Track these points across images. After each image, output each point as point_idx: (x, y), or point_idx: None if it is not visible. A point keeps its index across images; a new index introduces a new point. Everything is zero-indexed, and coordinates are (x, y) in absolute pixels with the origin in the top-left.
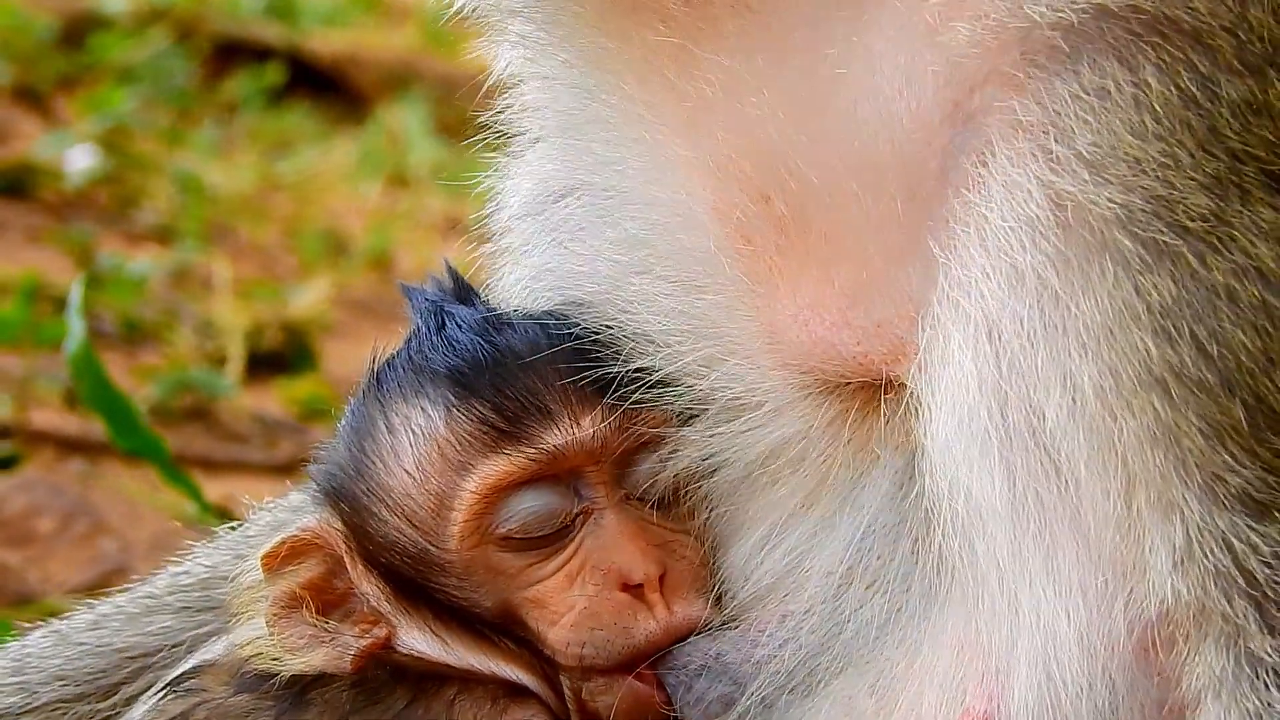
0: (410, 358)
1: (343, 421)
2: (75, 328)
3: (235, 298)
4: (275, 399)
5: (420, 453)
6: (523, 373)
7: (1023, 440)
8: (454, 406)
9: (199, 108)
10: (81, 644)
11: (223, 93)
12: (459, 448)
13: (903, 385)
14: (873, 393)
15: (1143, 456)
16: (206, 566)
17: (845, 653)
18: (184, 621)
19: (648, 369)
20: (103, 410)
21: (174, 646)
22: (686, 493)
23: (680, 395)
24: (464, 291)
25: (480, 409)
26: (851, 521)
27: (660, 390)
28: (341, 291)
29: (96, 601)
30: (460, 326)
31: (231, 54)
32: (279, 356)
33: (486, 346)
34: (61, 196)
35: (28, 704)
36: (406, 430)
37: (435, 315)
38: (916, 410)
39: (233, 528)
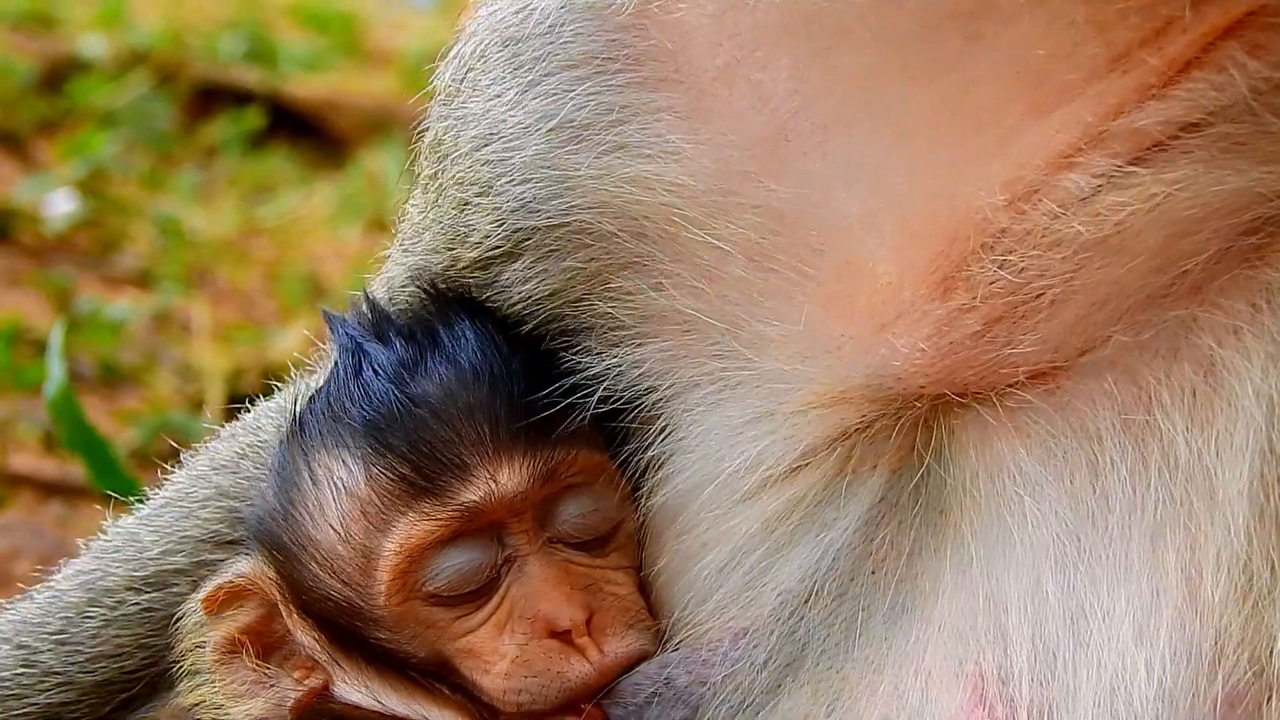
0: (329, 405)
1: (271, 465)
2: (55, 371)
3: (215, 341)
4: None
5: (343, 509)
6: (437, 425)
7: (1179, 483)
8: (372, 463)
9: (179, 152)
10: (55, 672)
11: (203, 137)
12: (379, 505)
13: (941, 397)
14: (887, 407)
15: None
16: (157, 554)
17: (804, 673)
18: (148, 633)
19: (583, 403)
20: (82, 453)
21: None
22: (621, 528)
23: (634, 427)
24: (382, 326)
25: (397, 467)
26: (817, 540)
27: (596, 422)
28: (322, 335)
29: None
30: (376, 372)
31: (211, 98)
32: (258, 400)
33: (401, 397)
34: (41, 240)
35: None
36: (329, 484)
37: (352, 355)
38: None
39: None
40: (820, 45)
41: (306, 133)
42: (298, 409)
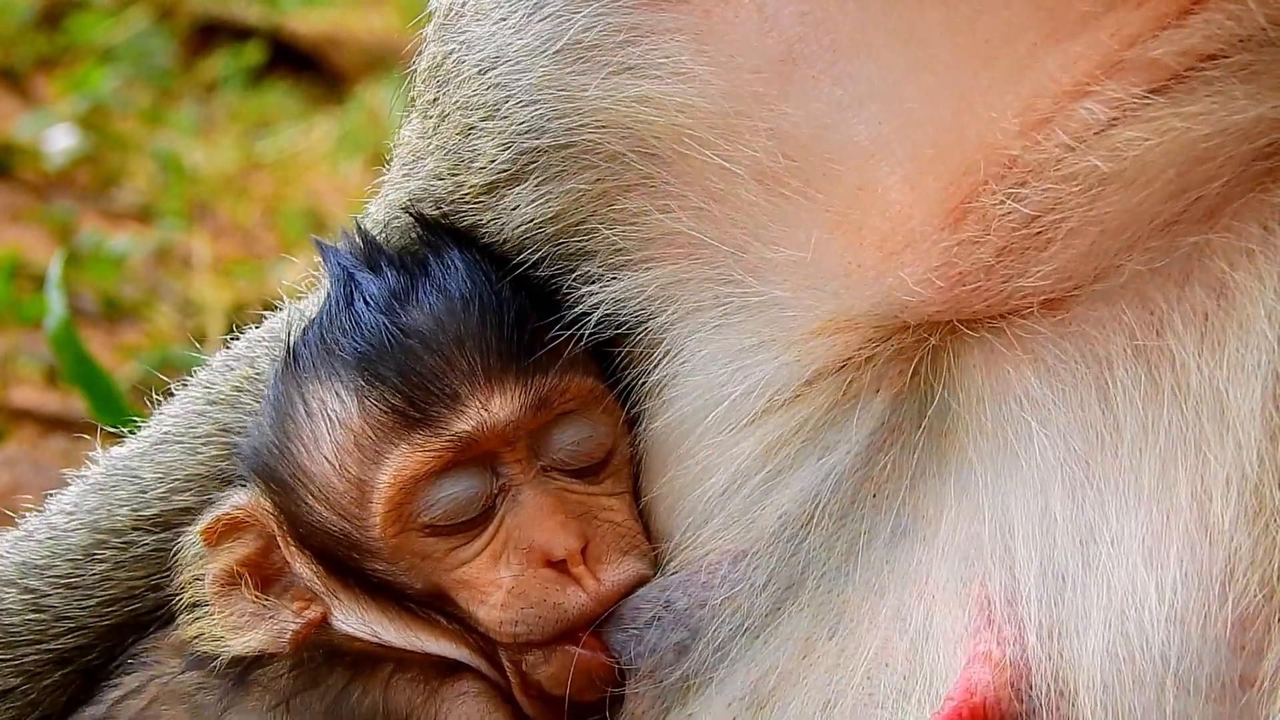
0: (322, 337)
1: (265, 397)
2: (55, 304)
3: (216, 276)
4: None
5: (337, 441)
6: (429, 355)
7: (1192, 406)
8: (365, 395)
9: (179, 87)
10: (67, 617)
11: (203, 72)
12: (373, 437)
13: (949, 325)
14: (894, 334)
15: None
16: (162, 494)
17: (804, 596)
18: (157, 573)
19: (580, 330)
20: (84, 387)
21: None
22: (616, 454)
23: (633, 353)
24: (374, 257)
25: (389, 398)
26: (819, 464)
27: (606, 348)
28: (321, 270)
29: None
30: (368, 303)
31: (211, 34)
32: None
33: (391, 328)
34: (42, 176)
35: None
36: (323, 416)
37: (344, 286)
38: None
39: (165, 415)
40: None
41: (306, 68)
42: (291, 340)
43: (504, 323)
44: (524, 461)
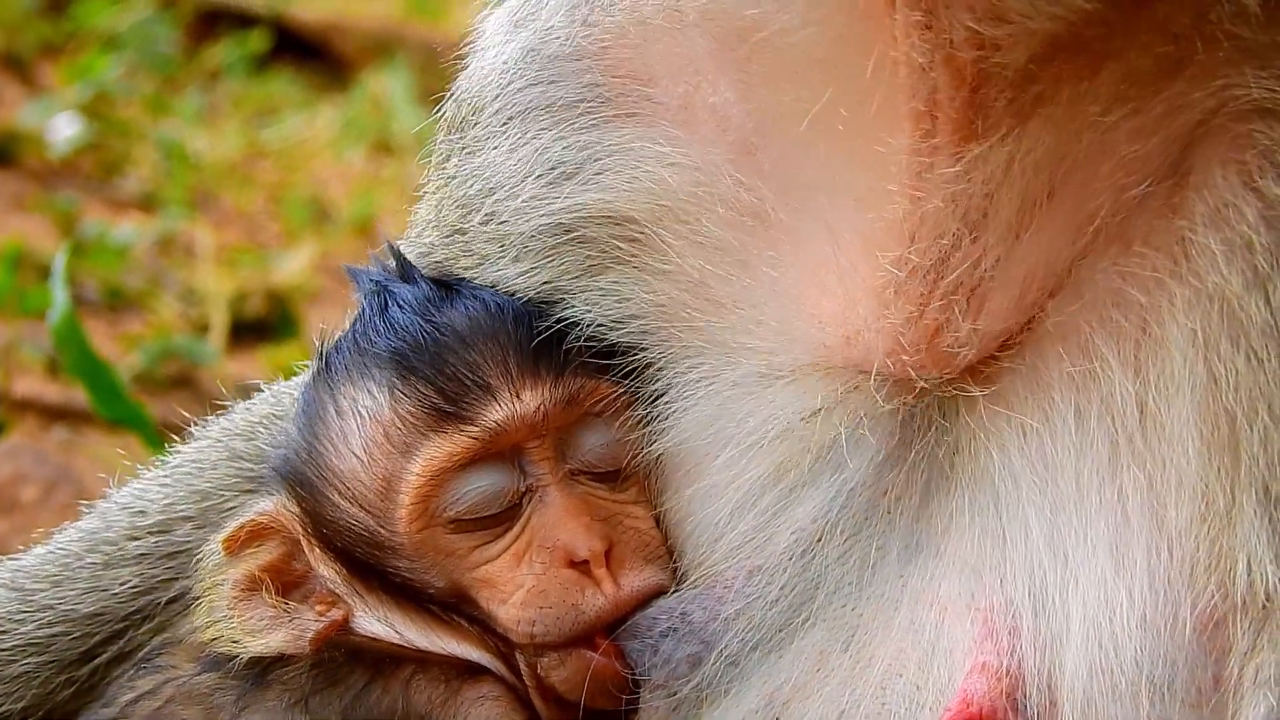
0: (355, 341)
1: (296, 405)
2: (59, 296)
3: (219, 265)
4: (259, 366)
5: (367, 436)
6: (463, 349)
7: (1125, 422)
8: (397, 388)
9: (183, 75)
10: (48, 606)
11: (207, 60)
12: (404, 429)
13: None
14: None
15: (1266, 449)
16: (162, 505)
17: (817, 610)
18: (148, 571)
19: (599, 338)
20: (86, 379)
21: (140, 609)
22: (640, 462)
23: (639, 367)
24: (407, 270)
25: (422, 389)
26: (830, 481)
27: (614, 360)
28: (325, 258)
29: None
30: (402, 307)
31: (215, 21)
32: (263, 324)
33: (426, 326)
34: (46, 164)
35: (1, 674)
36: (354, 413)
37: (378, 296)
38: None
39: (178, 451)
40: (744, 65)
41: (310, 55)
42: (324, 350)
43: (534, 327)
44: (551, 461)
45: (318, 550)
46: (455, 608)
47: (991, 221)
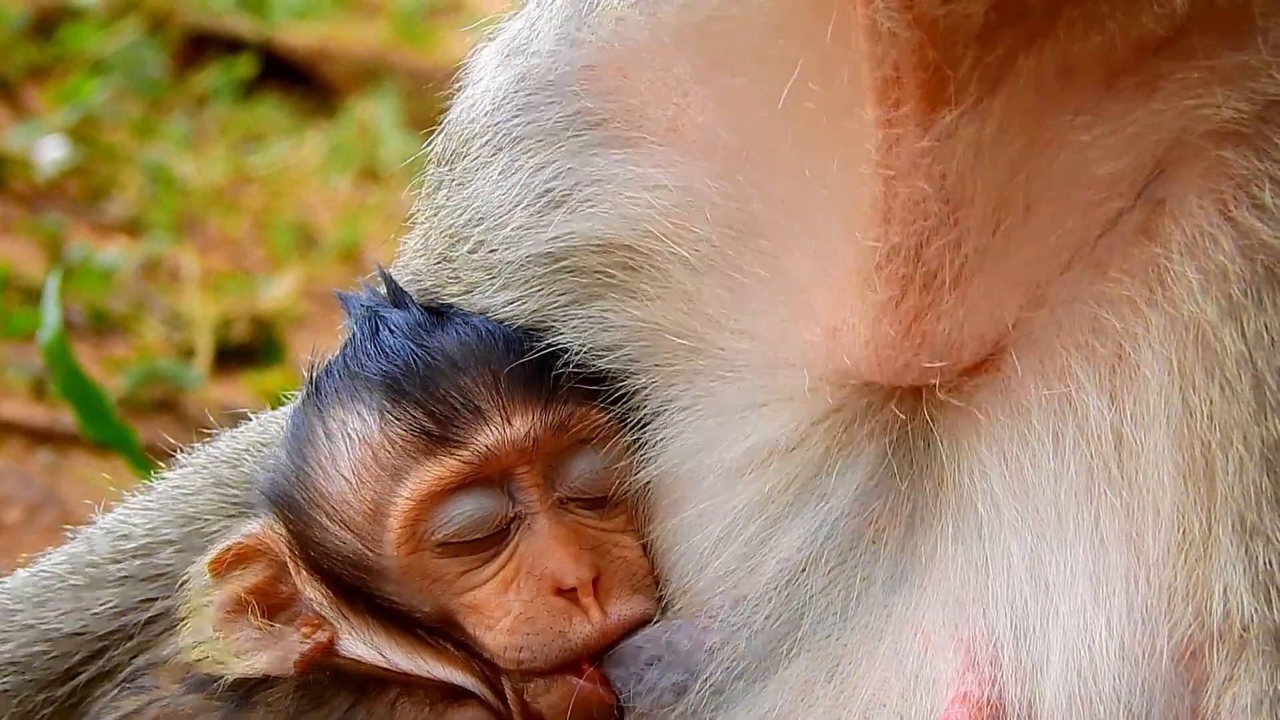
0: (346, 364)
1: (285, 429)
2: (50, 318)
3: (205, 290)
4: (244, 391)
5: (356, 459)
6: (453, 374)
7: (1102, 449)
8: (387, 412)
9: (170, 99)
10: (29, 625)
11: (194, 85)
12: (393, 453)
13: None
14: (868, 395)
15: (1242, 480)
16: (146, 529)
17: (802, 640)
18: (129, 593)
19: (587, 365)
20: (75, 400)
21: (120, 628)
22: (628, 490)
23: (627, 394)
24: (398, 295)
25: (412, 413)
26: (815, 511)
27: (602, 387)
28: (311, 284)
29: (31, 565)
30: (393, 331)
31: (203, 46)
32: (248, 348)
33: (417, 350)
34: (32, 187)
35: None
36: (343, 436)
37: (369, 321)
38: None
39: (163, 477)
40: (719, 67)
41: (298, 81)
42: (314, 373)
43: (524, 353)
44: (540, 488)
45: (304, 573)
46: (442, 632)
47: (968, 206)
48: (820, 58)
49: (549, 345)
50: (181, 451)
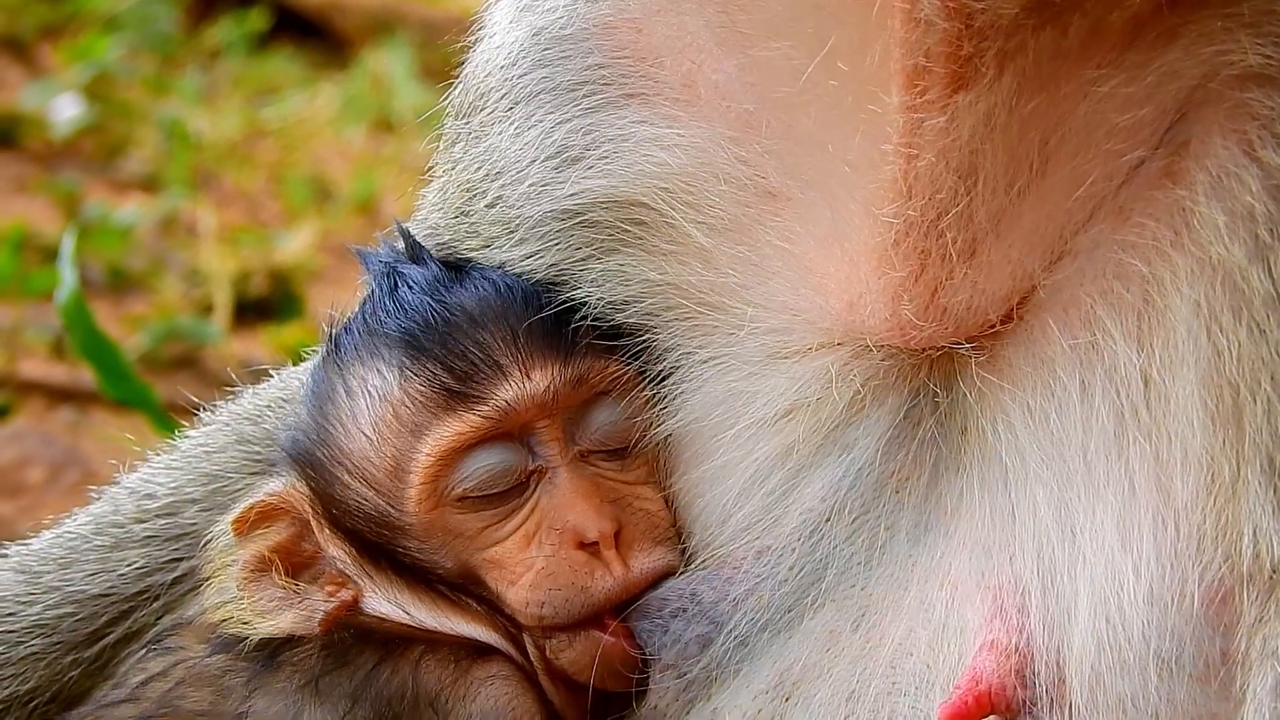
0: (365, 321)
1: (305, 386)
2: (67, 277)
3: (222, 245)
4: (263, 345)
5: (377, 415)
6: (472, 329)
7: (1130, 395)
8: (407, 368)
9: (183, 55)
10: (55, 588)
11: (207, 40)
12: (413, 409)
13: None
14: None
15: (1270, 421)
16: (170, 488)
17: (827, 590)
18: (153, 553)
19: (606, 320)
20: (93, 360)
21: (146, 589)
22: (649, 443)
23: (646, 348)
24: (416, 251)
25: (432, 369)
26: (838, 462)
27: (621, 341)
28: (327, 237)
29: (56, 526)
30: (411, 288)
31: (215, 0)
32: (266, 303)
33: (436, 306)
34: (48, 146)
35: (8, 655)
36: (363, 393)
37: (388, 278)
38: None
39: (186, 435)
40: (743, 30)
41: (310, 34)
42: (333, 331)
43: (543, 308)
44: (561, 442)
45: (327, 531)
46: (464, 588)
47: (984, 174)
48: (852, 37)
49: (567, 300)
50: (202, 408)
